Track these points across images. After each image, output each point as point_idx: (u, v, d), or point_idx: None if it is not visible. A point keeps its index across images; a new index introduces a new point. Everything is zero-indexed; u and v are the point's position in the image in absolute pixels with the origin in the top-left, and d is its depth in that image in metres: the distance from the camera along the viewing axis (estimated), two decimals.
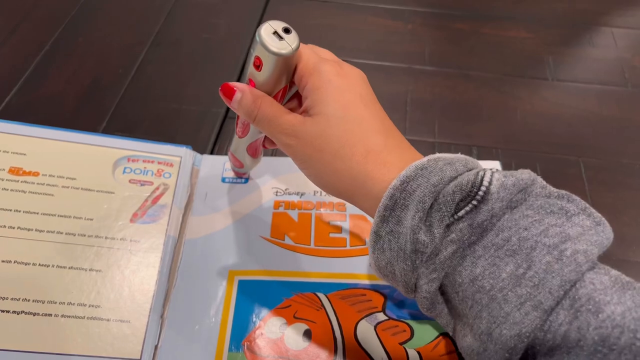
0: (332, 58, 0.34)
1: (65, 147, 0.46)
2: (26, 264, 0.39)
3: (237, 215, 0.45)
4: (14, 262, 0.39)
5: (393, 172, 0.29)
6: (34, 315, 0.37)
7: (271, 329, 0.38)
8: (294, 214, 0.45)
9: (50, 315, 0.37)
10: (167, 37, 0.63)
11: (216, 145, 0.52)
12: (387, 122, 0.32)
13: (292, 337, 0.38)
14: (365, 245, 0.43)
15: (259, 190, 0.47)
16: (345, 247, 0.43)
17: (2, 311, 0.37)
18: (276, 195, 0.46)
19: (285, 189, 0.47)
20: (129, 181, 0.45)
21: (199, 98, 0.56)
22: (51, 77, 0.57)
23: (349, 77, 0.32)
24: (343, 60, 0.34)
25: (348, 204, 0.46)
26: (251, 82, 0.33)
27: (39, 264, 0.39)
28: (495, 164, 0.49)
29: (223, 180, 0.47)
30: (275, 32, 0.30)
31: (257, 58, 0.31)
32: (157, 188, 0.45)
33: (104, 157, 0.46)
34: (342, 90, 0.31)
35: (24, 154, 0.45)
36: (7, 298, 0.37)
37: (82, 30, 0.63)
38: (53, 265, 0.39)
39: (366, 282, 0.41)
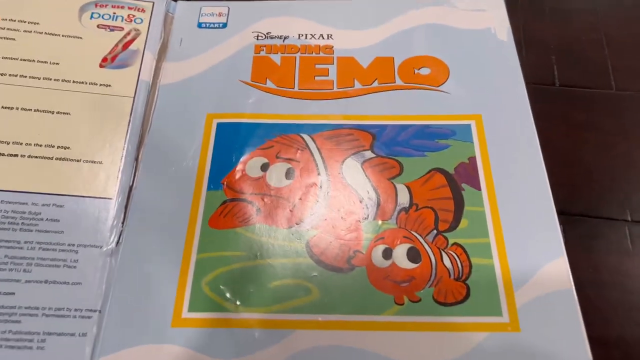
0: None
1: None
2: None
3: (214, 60, 0.41)
4: None
5: None
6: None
7: (252, 169, 0.36)
8: (276, 58, 0.42)
9: (16, 155, 0.35)
10: None
11: None
12: None
13: (275, 175, 0.36)
14: (353, 87, 0.40)
15: (239, 34, 0.43)
16: (332, 89, 0.40)
17: None
18: (257, 39, 0.43)
19: (267, 33, 0.43)
20: (97, 26, 0.42)
21: None
22: None
23: None
24: None
25: (336, 46, 0.42)
26: None
27: (2, 107, 0.37)
28: None
29: (199, 25, 0.43)
30: None
31: None
32: (128, 33, 0.42)
33: (68, 1, 0.42)
34: None
35: None
36: None
37: None
38: (17, 108, 0.37)
39: (353, 122, 0.38)
